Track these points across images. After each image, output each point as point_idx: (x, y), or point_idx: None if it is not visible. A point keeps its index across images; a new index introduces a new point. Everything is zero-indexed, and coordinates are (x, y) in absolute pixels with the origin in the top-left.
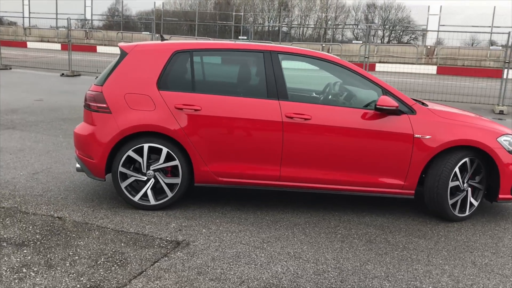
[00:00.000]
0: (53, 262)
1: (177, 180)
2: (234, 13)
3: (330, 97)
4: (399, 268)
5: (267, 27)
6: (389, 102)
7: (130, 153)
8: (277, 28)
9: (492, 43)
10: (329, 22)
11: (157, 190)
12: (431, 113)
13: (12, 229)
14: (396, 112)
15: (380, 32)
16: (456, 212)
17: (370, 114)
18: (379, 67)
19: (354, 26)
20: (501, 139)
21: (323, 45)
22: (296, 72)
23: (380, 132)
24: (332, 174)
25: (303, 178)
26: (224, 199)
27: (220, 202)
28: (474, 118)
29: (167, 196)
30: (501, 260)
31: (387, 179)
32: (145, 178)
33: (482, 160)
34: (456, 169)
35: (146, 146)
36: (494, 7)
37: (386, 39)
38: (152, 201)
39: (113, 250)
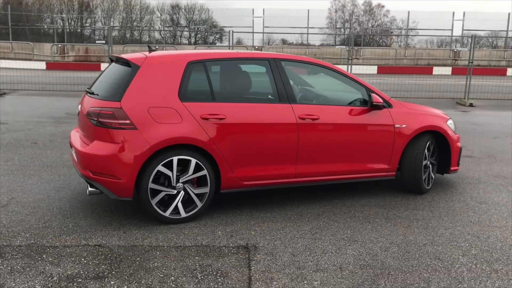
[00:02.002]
0: (157, 287)
1: (206, 190)
2: (25, 14)
3: (328, 98)
4: (426, 234)
5: (68, 29)
6: (379, 99)
7: (160, 167)
8: (79, 29)
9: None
10: (134, 23)
11: (185, 202)
12: (402, 106)
13: (65, 264)
14: (382, 107)
15: (186, 33)
16: (426, 186)
17: (360, 110)
18: None
19: (160, 27)
20: (448, 122)
21: (157, 47)
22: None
23: (371, 125)
24: (336, 166)
25: (314, 173)
26: (227, 202)
27: (234, 205)
28: (429, 108)
29: (196, 206)
30: (488, 214)
31: (376, 164)
32: (175, 191)
33: (437, 141)
34: (425, 150)
35: (175, 159)
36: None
37: (192, 40)
38: (183, 214)
39: (198, 264)
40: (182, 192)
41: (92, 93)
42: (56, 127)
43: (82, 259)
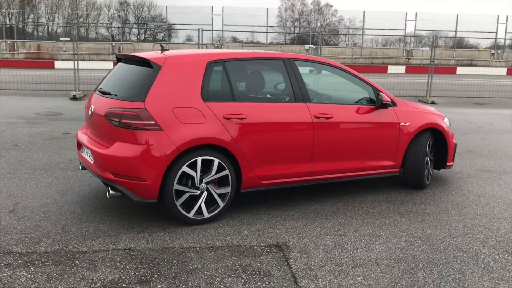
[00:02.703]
0: None
1: (227, 190)
2: None
3: (338, 97)
4: (442, 227)
5: (9, 25)
6: (387, 98)
7: (185, 168)
8: (21, 25)
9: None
10: (81, 20)
11: (207, 203)
12: (405, 104)
13: (102, 269)
14: (389, 105)
15: (135, 30)
16: (426, 181)
17: (368, 109)
18: None
19: (107, 23)
20: (445, 120)
21: (113, 44)
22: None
23: (379, 124)
24: (348, 163)
25: (327, 171)
26: (242, 202)
27: (249, 204)
28: (426, 106)
29: (218, 206)
30: (489, 207)
31: (383, 161)
32: (199, 192)
33: (434, 137)
34: (426, 147)
35: (199, 160)
36: None
37: (142, 37)
38: (206, 214)
39: (238, 264)
40: (205, 193)
41: (107, 93)
42: (31, 128)
43: (118, 264)
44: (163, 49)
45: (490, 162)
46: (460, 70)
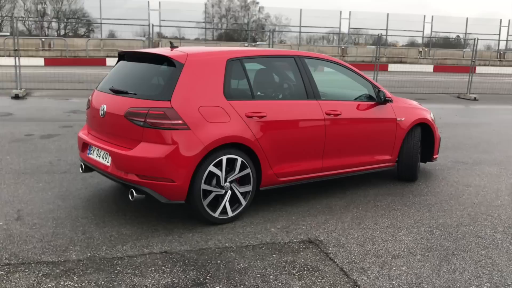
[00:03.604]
0: (265, 287)
1: (249, 188)
2: None
3: (343, 93)
4: (449, 216)
5: None
6: (389, 94)
7: (211, 168)
8: None
9: None
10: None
11: (229, 202)
12: (399, 100)
13: (150, 274)
14: (389, 101)
15: (54, 24)
16: (417, 174)
17: (370, 105)
18: (109, 61)
19: (24, 17)
20: (431, 115)
21: (43, 39)
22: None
23: (380, 119)
24: (354, 158)
25: (337, 166)
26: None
27: (260, 202)
28: (415, 102)
29: (241, 205)
30: (481, 196)
31: (383, 156)
32: (223, 191)
33: (423, 132)
34: (419, 141)
35: (224, 159)
36: None
37: (62, 32)
38: (230, 213)
39: (283, 261)
40: (229, 192)
41: (123, 92)
42: None
43: (163, 268)
44: (173, 46)
45: (459, 154)
46: (391, 67)
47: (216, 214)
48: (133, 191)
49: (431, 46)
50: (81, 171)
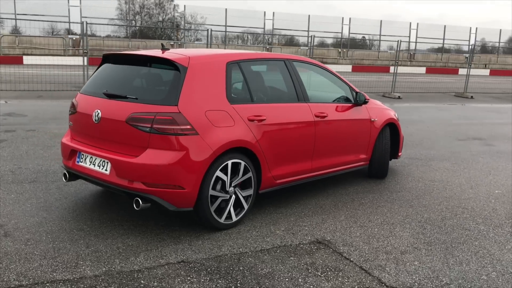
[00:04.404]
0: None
1: (250, 192)
2: None
3: (325, 96)
4: (431, 211)
5: None
6: (368, 97)
7: (218, 173)
8: None
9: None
10: None
11: (233, 206)
12: (372, 102)
13: (178, 285)
14: (366, 103)
15: None
16: (387, 171)
17: (349, 107)
18: (26, 59)
19: None
20: (395, 115)
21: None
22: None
23: (359, 120)
24: (337, 158)
25: (323, 167)
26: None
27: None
28: (381, 103)
29: (243, 209)
30: (449, 190)
31: (360, 155)
32: (228, 196)
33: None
34: (389, 140)
35: (229, 163)
36: None
37: None
38: (234, 218)
39: (303, 263)
40: (233, 196)
41: (120, 96)
42: None
43: (189, 278)
44: (164, 48)
45: (410, 151)
46: None
47: (222, 220)
48: (139, 200)
49: (349, 47)
50: (64, 180)
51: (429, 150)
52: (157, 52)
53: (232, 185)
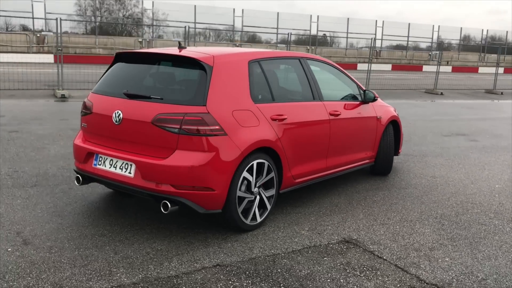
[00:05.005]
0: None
1: (273, 192)
2: None
3: (336, 94)
4: (443, 207)
5: None
6: (377, 94)
7: (245, 174)
8: None
9: None
10: None
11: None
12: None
13: None
14: (375, 100)
15: None
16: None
17: (357, 104)
18: None
19: None
20: (396, 111)
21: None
22: None
23: (368, 118)
24: (349, 156)
25: (337, 165)
26: None
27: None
28: (383, 101)
29: (266, 210)
30: (451, 185)
31: (368, 152)
32: (253, 197)
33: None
34: (393, 137)
35: (255, 163)
36: None
37: None
38: (259, 219)
39: (339, 263)
40: (258, 197)
41: (143, 97)
42: None
43: (231, 282)
44: (181, 47)
45: (403, 147)
46: None
47: (248, 221)
48: (168, 203)
49: (317, 45)
50: (77, 183)
51: (419, 146)
52: (176, 51)
53: (257, 185)
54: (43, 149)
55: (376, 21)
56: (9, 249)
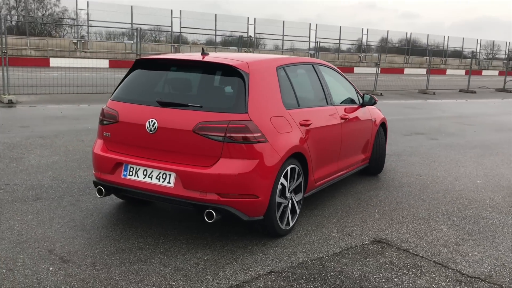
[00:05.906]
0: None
1: (301, 196)
2: None
3: (341, 98)
4: (445, 204)
5: None
6: (376, 98)
7: (282, 179)
8: None
9: None
10: None
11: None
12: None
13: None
14: (374, 104)
15: None
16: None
17: (357, 108)
18: None
19: None
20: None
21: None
22: None
23: (367, 121)
24: (354, 158)
25: (344, 167)
26: None
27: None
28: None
29: (296, 214)
30: (439, 182)
31: (366, 153)
32: (287, 202)
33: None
34: (384, 138)
35: (289, 169)
36: None
37: None
38: (291, 223)
39: (383, 263)
40: (290, 202)
41: (179, 105)
42: None
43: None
44: (204, 53)
45: None
46: None
47: (283, 226)
48: (213, 212)
49: (255, 46)
50: (99, 195)
51: (389, 146)
52: (201, 57)
53: (289, 190)
54: (22, 159)
55: (310, 24)
56: (50, 269)
